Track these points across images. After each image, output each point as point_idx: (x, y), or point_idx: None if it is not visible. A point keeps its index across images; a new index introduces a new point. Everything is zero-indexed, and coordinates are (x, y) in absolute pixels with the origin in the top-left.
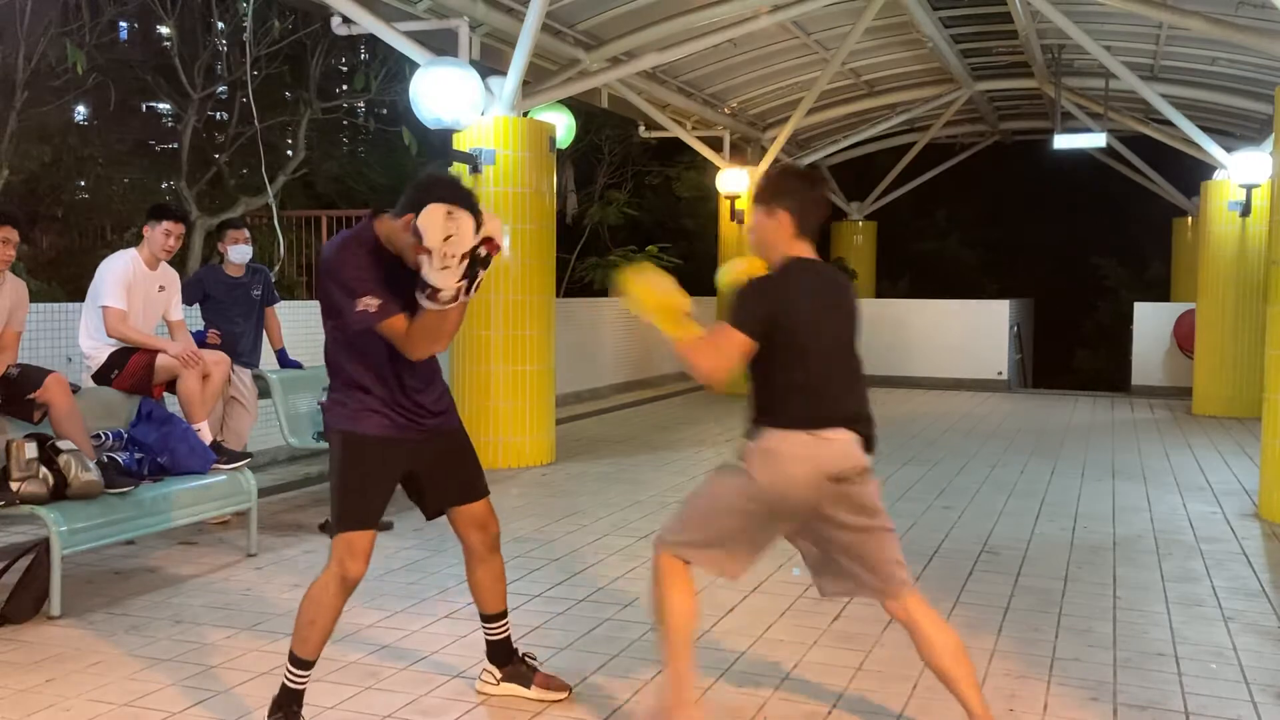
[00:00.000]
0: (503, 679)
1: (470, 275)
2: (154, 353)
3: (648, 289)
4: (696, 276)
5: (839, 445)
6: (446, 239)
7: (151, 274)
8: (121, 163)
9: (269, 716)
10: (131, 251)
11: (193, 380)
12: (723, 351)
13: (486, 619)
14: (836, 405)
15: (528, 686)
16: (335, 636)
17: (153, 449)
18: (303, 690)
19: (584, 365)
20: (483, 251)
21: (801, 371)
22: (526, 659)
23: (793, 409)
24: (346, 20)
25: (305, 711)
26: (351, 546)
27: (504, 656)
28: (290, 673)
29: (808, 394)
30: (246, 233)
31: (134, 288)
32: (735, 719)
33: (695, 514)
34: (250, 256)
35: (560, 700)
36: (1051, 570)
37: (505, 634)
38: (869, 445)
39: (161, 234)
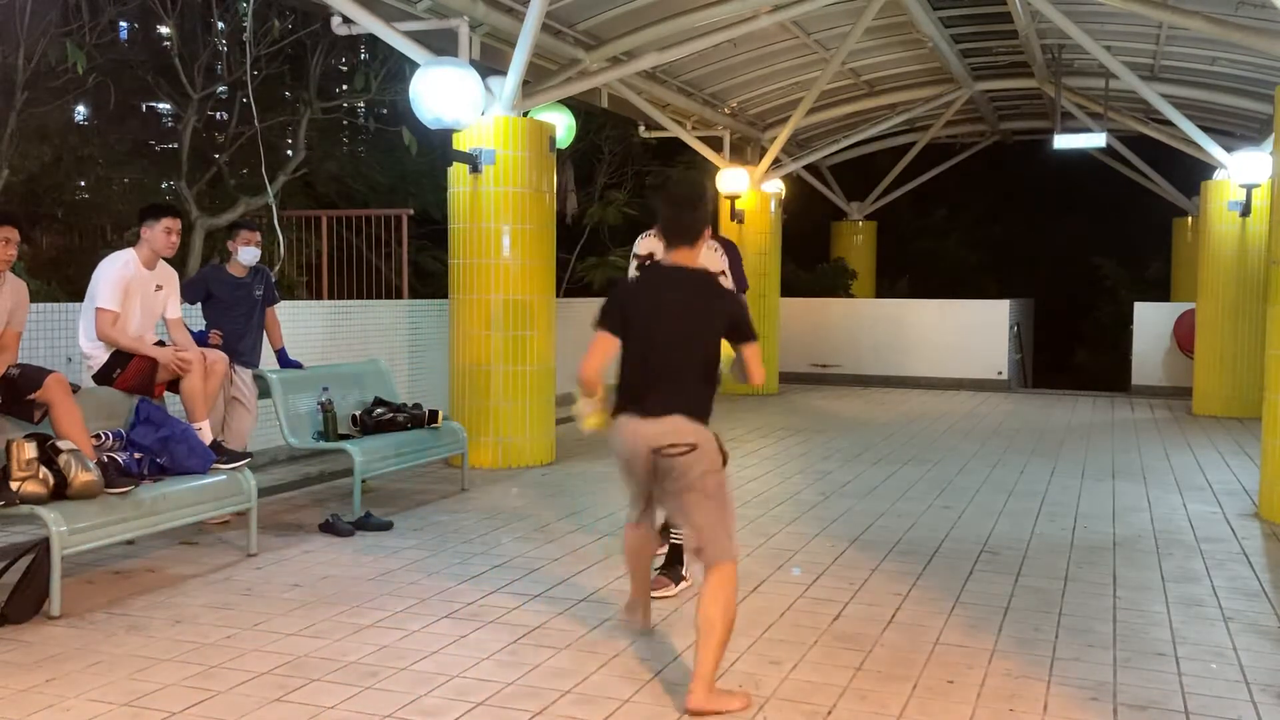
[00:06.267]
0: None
1: None
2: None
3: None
4: None
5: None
6: None
7: (149, 274)
8: (121, 163)
9: None
10: (129, 252)
11: (196, 378)
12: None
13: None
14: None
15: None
16: (335, 636)
17: (151, 451)
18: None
19: None
20: None
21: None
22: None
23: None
24: (346, 20)
25: (304, 711)
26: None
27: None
28: None
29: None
30: (259, 235)
31: (132, 289)
32: (735, 718)
33: None
34: (258, 258)
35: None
36: (1051, 570)
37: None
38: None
39: (162, 232)
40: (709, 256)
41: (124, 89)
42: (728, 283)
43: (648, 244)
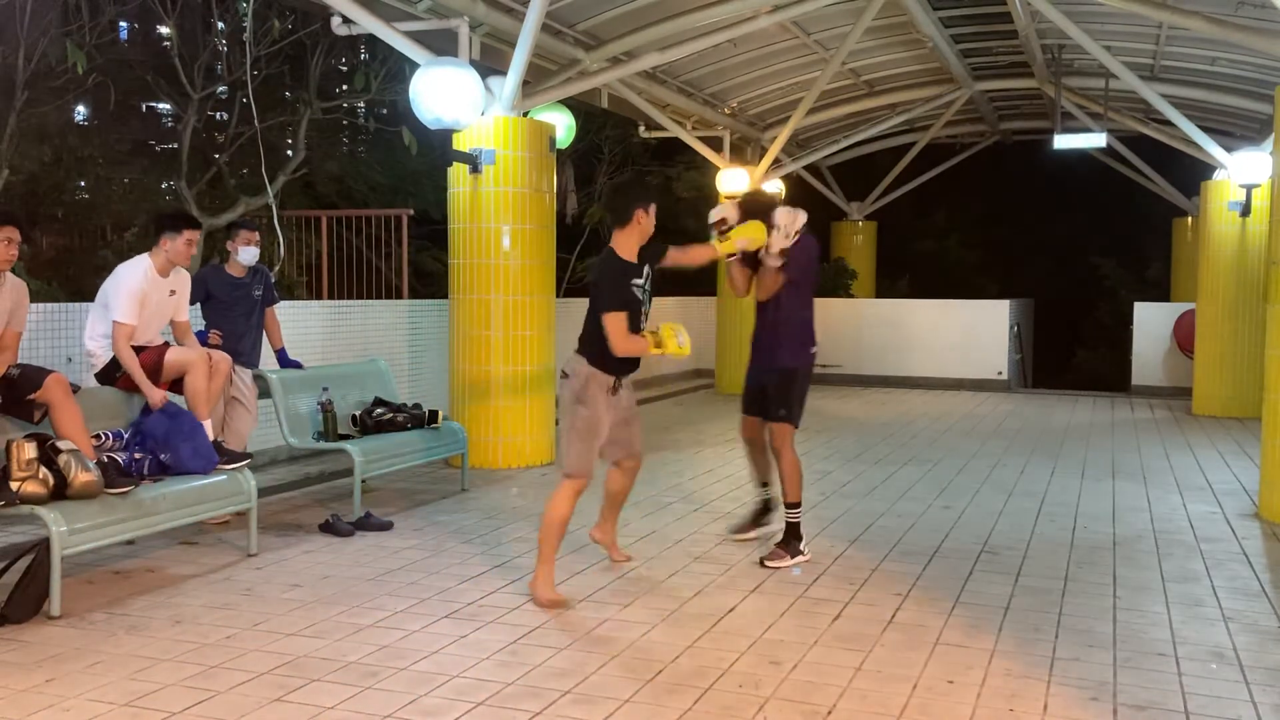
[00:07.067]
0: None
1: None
2: (163, 350)
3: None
4: (696, 276)
5: None
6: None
7: (163, 280)
8: (121, 163)
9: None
10: (145, 260)
11: (200, 377)
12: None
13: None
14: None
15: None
16: (335, 636)
17: (158, 443)
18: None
19: None
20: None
21: None
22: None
23: None
24: (346, 20)
25: (304, 711)
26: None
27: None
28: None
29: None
30: (258, 234)
31: (147, 297)
32: (735, 719)
33: None
34: (257, 258)
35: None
36: (1051, 570)
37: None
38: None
39: (184, 244)
40: (787, 216)
41: (124, 89)
42: (781, 241)
43: (718, 211)
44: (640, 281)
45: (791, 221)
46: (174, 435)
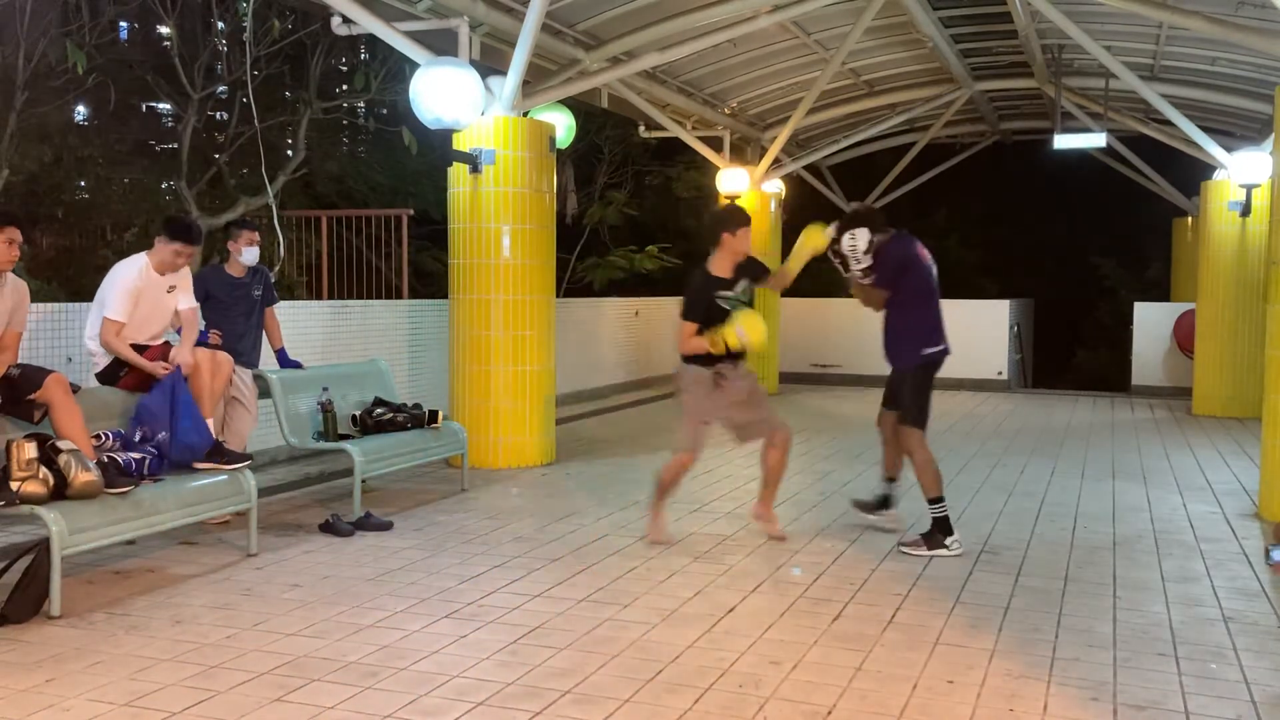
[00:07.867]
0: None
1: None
2: (164, 350)
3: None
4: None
5: None
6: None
7: (161, 278)
8: (121, 163)
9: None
10: (143, 258)
11: (204, 375)
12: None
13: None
14: None
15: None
16: (335, 636)
17: (156, 419)
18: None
19: (584, 365)
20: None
21: None
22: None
23: None
24: (346, 20)
25: (304, 711)
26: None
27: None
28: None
29: None
30: (258, 235)
31: (143, 294)
32: (735, 719)
33: None
34: (258, 258)
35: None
36: (1051, 570)
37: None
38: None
39: (171, 253)
40: (848, 241)
41: (124, 89)
42: (855, 266)
43: (829, 231)
44: (729, 294)
45: (854, 247)
46: (174, 410)
